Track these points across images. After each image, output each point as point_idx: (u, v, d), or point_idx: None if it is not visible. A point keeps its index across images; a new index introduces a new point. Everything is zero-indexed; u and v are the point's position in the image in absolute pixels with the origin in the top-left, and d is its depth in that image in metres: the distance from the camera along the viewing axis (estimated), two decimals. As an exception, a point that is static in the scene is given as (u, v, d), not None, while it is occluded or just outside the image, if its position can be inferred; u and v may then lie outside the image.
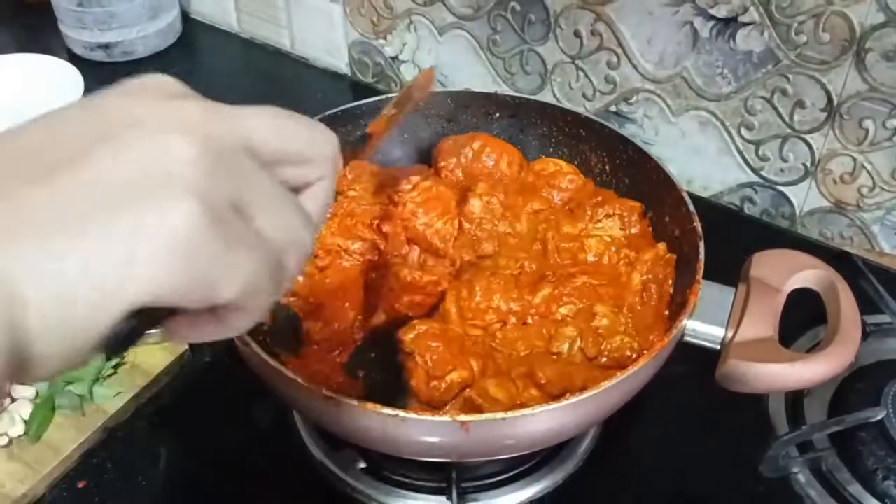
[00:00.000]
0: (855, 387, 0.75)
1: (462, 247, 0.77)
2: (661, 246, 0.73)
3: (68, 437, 0.75)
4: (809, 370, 0.59)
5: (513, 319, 0.70)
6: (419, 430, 0.57)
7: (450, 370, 0.65)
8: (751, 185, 0.99)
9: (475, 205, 0.78)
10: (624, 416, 0.64)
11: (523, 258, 0.74)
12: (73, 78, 1.14)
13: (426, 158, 0.88)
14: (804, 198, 0.96)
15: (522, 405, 0.60)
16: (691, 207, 0.71)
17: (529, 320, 0.71)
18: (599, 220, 0.76)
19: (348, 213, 0.77)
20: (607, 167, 0.82)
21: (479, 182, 0.80)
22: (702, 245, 0.67)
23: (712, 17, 0.90)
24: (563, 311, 0.70)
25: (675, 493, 0.73)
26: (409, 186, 0.77)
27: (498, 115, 0.87)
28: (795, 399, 0.76)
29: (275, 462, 0.74)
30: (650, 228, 0.78)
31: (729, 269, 0.68)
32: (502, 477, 0.71)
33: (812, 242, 0.97)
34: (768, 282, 0.65)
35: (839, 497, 0.70)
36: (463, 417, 0.55)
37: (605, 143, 0.82)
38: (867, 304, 0.80)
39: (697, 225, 0.69)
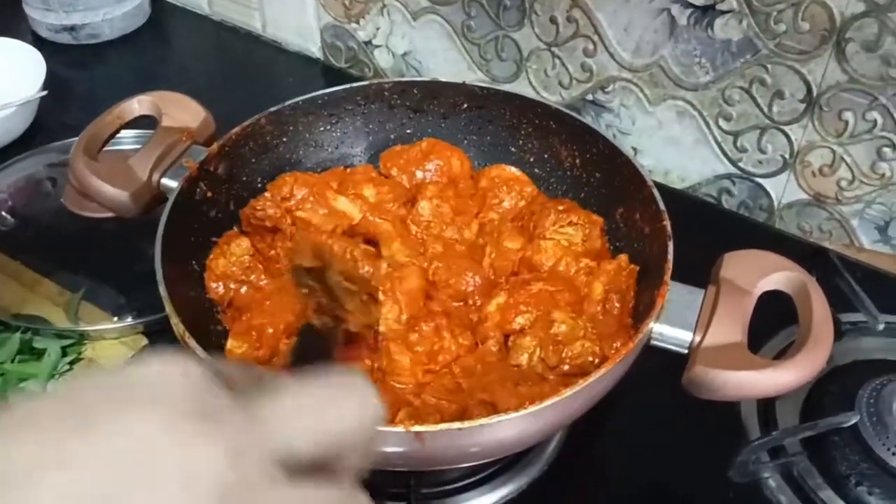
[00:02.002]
0: (829, 389, 0.73)
1: (407, 249, 0.73)
2: (623, 257, 0.71)
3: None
4: (779, 378, 0.57)
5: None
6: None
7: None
8: (728, 176, 0.97)
9: (424, 207, 0.75)
10: (592, 419, 0.62)
11: (465, 267, 0.72)
12: (35, 61, 1.10)
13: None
14: (782, 190, 0.94)
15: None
16: (661, 205, 0.68)
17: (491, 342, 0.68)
18: (563, 227, 0.73)
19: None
20: (577, 161, 0.80)
21: (428, 185, 0.77)
22: (670, 245, 0.65)
23: (690, 5, 0.87)
24: (519, 320, 0.67)
25: (644, 498, 0.72)
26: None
27: (466, 105, 0.84)
28: (767, 402, 0.74)
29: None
30: (608, 246, 0.76)
31: (705, 264, 0.65)
32: (464, 483, 0.69)
33: (790, 237, 0.95)
34: (738, 283, 0.62)
35: (810, 503, 0.68)
36: (417, 428, 0.53)
37: (575, 137, 0.79)
38: (843, 303, 0.78)
39: (667, 223, 0.67)
